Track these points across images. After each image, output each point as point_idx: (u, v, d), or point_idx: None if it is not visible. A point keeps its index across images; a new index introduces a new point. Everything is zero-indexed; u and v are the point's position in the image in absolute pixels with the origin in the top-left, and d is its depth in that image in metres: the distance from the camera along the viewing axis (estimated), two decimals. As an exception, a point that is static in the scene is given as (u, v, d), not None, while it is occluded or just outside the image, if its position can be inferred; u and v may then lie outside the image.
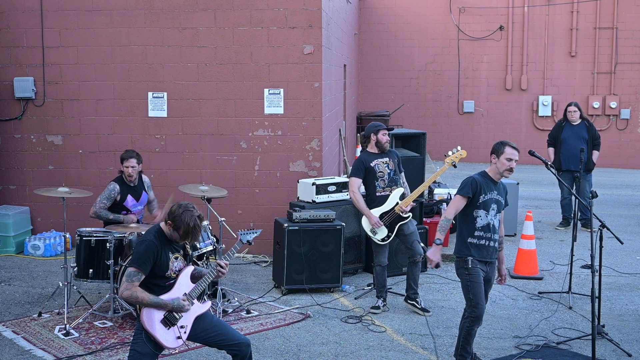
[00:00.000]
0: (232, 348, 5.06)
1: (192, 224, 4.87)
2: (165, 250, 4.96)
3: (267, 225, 9.11)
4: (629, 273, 8.94)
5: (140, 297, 4.84)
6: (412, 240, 7.40)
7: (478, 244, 5.76)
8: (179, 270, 5.03)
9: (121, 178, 7.66)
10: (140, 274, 4.85)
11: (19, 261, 9.37)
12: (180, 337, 4.92)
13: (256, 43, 9.45)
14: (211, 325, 5.08)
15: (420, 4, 19.56)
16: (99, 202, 7.53)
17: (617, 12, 18.97)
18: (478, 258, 5.77)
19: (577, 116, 10.95)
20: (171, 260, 4.98)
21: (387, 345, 6.53)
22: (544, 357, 6.20)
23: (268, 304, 7.69)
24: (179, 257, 5.06)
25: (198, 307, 5.06)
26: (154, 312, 4.88)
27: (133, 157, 7.62)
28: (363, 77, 19.76)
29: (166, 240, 4.98)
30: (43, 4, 9.67)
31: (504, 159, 5.72)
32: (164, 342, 4.88)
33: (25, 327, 6.86)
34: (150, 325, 4.87)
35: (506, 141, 5.83)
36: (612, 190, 15.28)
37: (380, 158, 7.49)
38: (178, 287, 4.98)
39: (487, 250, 5.78)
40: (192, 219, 4.87)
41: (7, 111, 9.92)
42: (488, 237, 5.74)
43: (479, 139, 19.55)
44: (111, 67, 9.68)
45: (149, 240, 4.90)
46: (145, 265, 4.86)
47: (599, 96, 19.20)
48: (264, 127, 9.55)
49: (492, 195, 5.73)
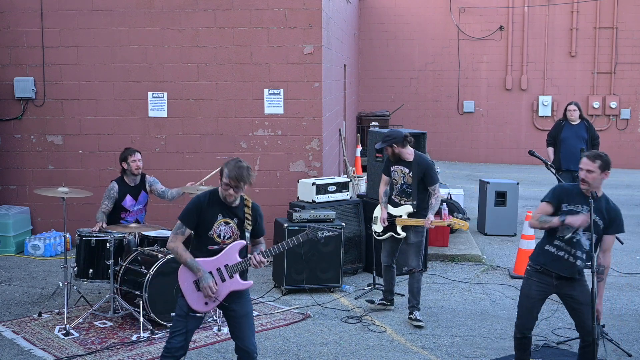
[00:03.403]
0: (238, 348, 5.05)
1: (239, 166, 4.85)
2: (214, 211, 4.92)
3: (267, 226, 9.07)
4: (629, 273, 8.94)
5: (180, 253, 4.92)
6: (410, 252, 7.23)
7: (555, 254, 5.32)
8: (227, 237, 4.96)
9: (121, 178, 7.66)
10: (184, 227, 4.94)
11: (19, 261, 9.37)
12: (208, 303, 4.92)
13: (256, 43, 9.45)
14: (239, 313, 5.00)
15: (420, 4, 19.56)
16: (101, 204, 7.56)
17: (617, 12, 18.98)
18: (549, 268, 5.34)
19: (576, 115, 10.94)
20: (218, 222, 4.94)
21: (387, 345, 6.53)
22: (544, 357, 6.20)
23: (268, 304, 7.69)
24: (230, 224, 4.98)
25: (237, 282, 4.96)
26: (189, 271, 4.93)
27: (136, 152, 7.66)
28: (363, 77, 19.76)
29: (218, 200, 4.95)
30: (43, 4, 9.66)
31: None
32: (191, 302, 4.92)
33: (25, 327, 6.86)
34: (182, 282, 4.95)
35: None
36: (612, 190, 15.27)
37: (402, 166, 7.25)
38: (224, 255, 4.94)
39: (562, 263, 5.31)
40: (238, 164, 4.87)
41: (7, 111, 9.92)
42: (574, 254, 5.28)
43: (479, 139, 19.55)
44: (111, 67, 9.68)
45: (197, 196, 4.99)
46: (189, 220, 4.92)
47: (599, 96, 19.20)
48: (264, 127, 9.55)
49: (575, 208, 5.29)
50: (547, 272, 5.34)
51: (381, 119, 17.47)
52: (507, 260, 9.48)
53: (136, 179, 7.68)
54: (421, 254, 7.28)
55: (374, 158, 9.09)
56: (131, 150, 7.66)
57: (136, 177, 7.66)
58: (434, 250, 9.48)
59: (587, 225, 5.23)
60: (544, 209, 5.36)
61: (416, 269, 7.17)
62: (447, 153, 19.64)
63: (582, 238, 5.27)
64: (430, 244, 9.35)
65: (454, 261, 9.42)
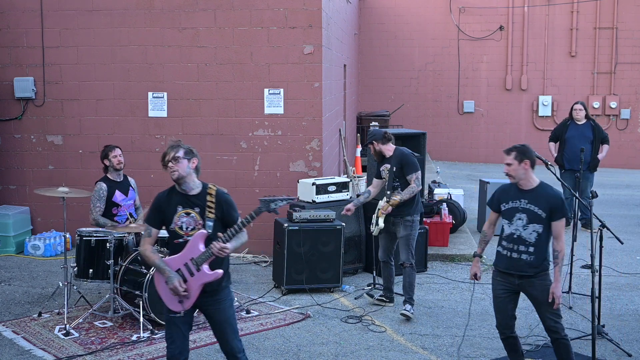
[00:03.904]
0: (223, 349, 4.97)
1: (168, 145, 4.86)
2: (174, 203, 4.80)
3: (267, 225, 9.11)
4: (629, 273, 8.94)
5: (147, 255, 4.86)
6: (400, 246, 7.39)
7: (502, 253, 5.47)
8: (190, 229, 4.78)
9: (106, 177, 7.64)
10: (149, 229, 4.88)
11: (19, 261, 9.37)
12: (182, 301, 4.78)
13: (256, 43, 9.45)
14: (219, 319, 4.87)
15: (420, 4, 19.55)
16: (94, 208, 7.46)
17: (617, 12, 18.97)
18: (501, 268, 5.48)
19: (582, 115, 10.94)
20: (178, 214, 4.79)
21: (387, 345, 6.53)
22: (544, 357, 6.19)
23: (268, 304, 7.69)
24: (191, 214, 4.79)
25: (204, 274, 4.74)
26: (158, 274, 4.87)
27: (116, 147, 7.66)
28: (363, 77, 19.76)
29: (177, 192, 4.84)
30: (43, 4, 9.67)
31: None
32: (167, 302, 4.83)
33: (25, 327, 6.86)
34: (157, 284, 4.89)
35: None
36: (612, 190, 15.28)
37: (386, 163, 7.49)
38: (188, 249, 4.77)
39: (509, 261, 5.39)
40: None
41: (7, 111, 9.92)
42: (517, 249, 5.35)
43: (478, 139, 19.54)
44: (111, 67, 9.68)
45: (158, 194, 4.91)
46: (152, 219, 4.86)
47: (599, 96, 19.20)
48: (264, 127, 9.55)
49: (515, 204, 5.39)
50: (508, 272, 5.43)
51: (381, 119, 17.46)
52: (507, 260, 9.46)
53: (120, 175, 7.65)
54: (410, 248, 7.32)
55: (373, 158, 9.08)
56: (111, 147, 7.65)
57: (119, 173, 7.64)
58: (434, 250, 9.48)
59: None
60: (490, 217, 5.65)
61: (406, 263, 7.28)
62: (447, 153, 19.64)
63: (524, 232, 5.34)
64: (430, 244, 9.35)
65: (454, 261, 9.42)
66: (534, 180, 5.40)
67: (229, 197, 4.86)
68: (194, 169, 4.83)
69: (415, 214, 7.35)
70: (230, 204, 4.83)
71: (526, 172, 5.36)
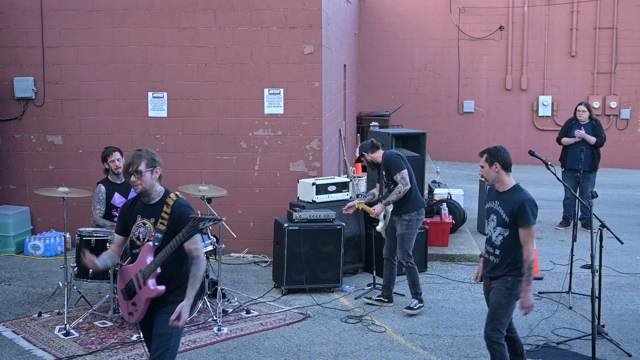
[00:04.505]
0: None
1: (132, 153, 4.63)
2: (135, 211, 4.63)
3: (267, 225, 9.12)
4: (629, 273, 8.94)
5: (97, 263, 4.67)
6: (397, 244, 7.49)
7: (485, 257, 5.47)
8: (145, 240, 4.56)
9: (106, 179, 7.65)
10: (114, 235, 4.77)
11: (19, 261, 9.37)
12: (132, 313, 4.57)
13: (256, 43, 9.45)
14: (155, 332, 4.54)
15: (420, 4, 19.55)
16: (94, 210, 7.51)
17: (617, 12, 18.97)
18: (483, 269, 5.52)
19: (585, 116, 10.97)
20: (137, 223, 4.61)
21: (387, 345, 6.53)
22: (544, 357, 6.20)
23: (268, 304, 7.69)
24: (147, 224, 4.57)
25: (148, 289, 4.46)
26: (119, 281, 4.67)
27: (115, 151, 7.65)
28: (363, 77, 19.76)
29: (140, 200, 4.65)
30: (43, 4, 9.66)
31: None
32: (123, 312, 4.69)
33: (25, 327, 6.86)
34: (118, 293, 4.77)
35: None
36: (612, 190, 15.28)
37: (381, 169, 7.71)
38: (138, 260, 4.54)
39: (488, 264, 5.42)
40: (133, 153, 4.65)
41: (7, 111, 9.92)
42: (489, 250, 5.38)
43: (479, 139, 19.53)
44: (111, 67, 9.68)
45: (125, 201, 4.75)
46: (117, 226, 4.72)
47: (599, 96, 19.20)
48: (264, 127, 9.55)
49: (491, 204, 5.43)
50: (485, 272, 5.48)
51: (381, 119, 17.46)
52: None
53: (120, 177, 7.66)
54: (406, 247, 7.38)
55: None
56: (110, 150, 7.65)
57: (120, 176, 7.66)
58: (434, 250, 9.48)
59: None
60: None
61: (402, 262, 7.41)
62: (447, 153, 19.65)
63: (493, 234, 5.35)
64: (430, 244, 9.35)
65: (454, 261, 9.42)
66: (507, 182, 5.35)
67: (185, 209, 4.50)
68: (157, 178, 4.63)
69: (412, 212, 7.38)
70: (183, 216, 4.44)
71: (498, 175, 5.33)
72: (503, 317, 5.26)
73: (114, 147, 7.78)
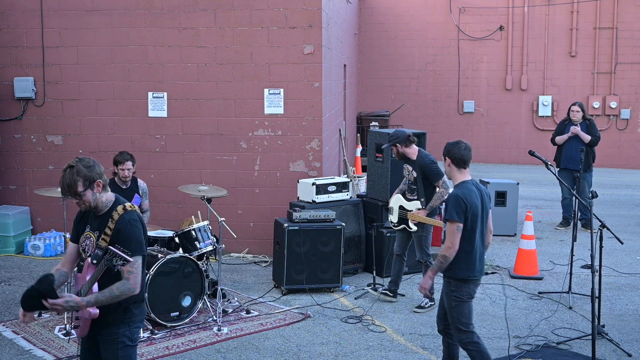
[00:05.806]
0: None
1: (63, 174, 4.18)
2: (85, 221, 4.29)
3: (267, 225, 9.12)
4: (629, 273, 8.94)
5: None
6: (415, 243, 7.58)
7: None
8: (89, 254, 4.18)
9: (112, 180, 7.65)
10: (71, 243, 4.38)
11: (19, 261, 9.37)
12: (77, 327, 4.26)
13: (256, 43, 9.45)
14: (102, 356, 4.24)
15: (420, 4, 19.56)
16: None
17: (617, 12, 18.97)
18: None
19: (579, 116, 10.98)
20: (85, 234, 4.25)
21: (387, 345, 6.53)
22: (544, 357, 6.19)
23: (268, 304, 7.69)
24: (92, 237, 4.19)
25: (85, 310, 4.08)
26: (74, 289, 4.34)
27: (128, 160, 7.58)
28: (363, 77, 19.76)
29: (90, 212, 4.28)
30: (43, 4, 9.66)
31: None
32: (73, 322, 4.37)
33: (25, 327, 6.86)
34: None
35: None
36: (612, 190, 15.28)
37: (408, 164, 7.65)
38: (82, 276, 4.18)
39: None
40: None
41: (7, 111, 9.92)
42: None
43: (478, 139, 19.53)
44: (111, 67, 9.68)
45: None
46: (72, 232, 4.36)
47: (599, 96, 19.19)
48: (264, 127, 9.55)
49: None
50: None
51: (381, 119, 17.46)
52: (507, 260, 9.47)
53: (127, 183, 7.68)
54: (424, 246, 7.51)
55: (374, 158, 9.10)
56: (123, 157, 7.57)
57: (127, 182, 7.67)
58: (434, 250, 9.42)
59: None
60: None
61: (421, 260, 7.53)
62: (447, 153, 19.62)
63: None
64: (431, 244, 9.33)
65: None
66: (457, 178, 5.46)
67: (130, 227, 4.08)
68: (101, 189, 4.20)
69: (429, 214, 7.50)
70: (128, 234, 4.06)
71: (450, 170, 5.48)
72: (461, 317, 5.28)
73: (129, 154, 7.64)
